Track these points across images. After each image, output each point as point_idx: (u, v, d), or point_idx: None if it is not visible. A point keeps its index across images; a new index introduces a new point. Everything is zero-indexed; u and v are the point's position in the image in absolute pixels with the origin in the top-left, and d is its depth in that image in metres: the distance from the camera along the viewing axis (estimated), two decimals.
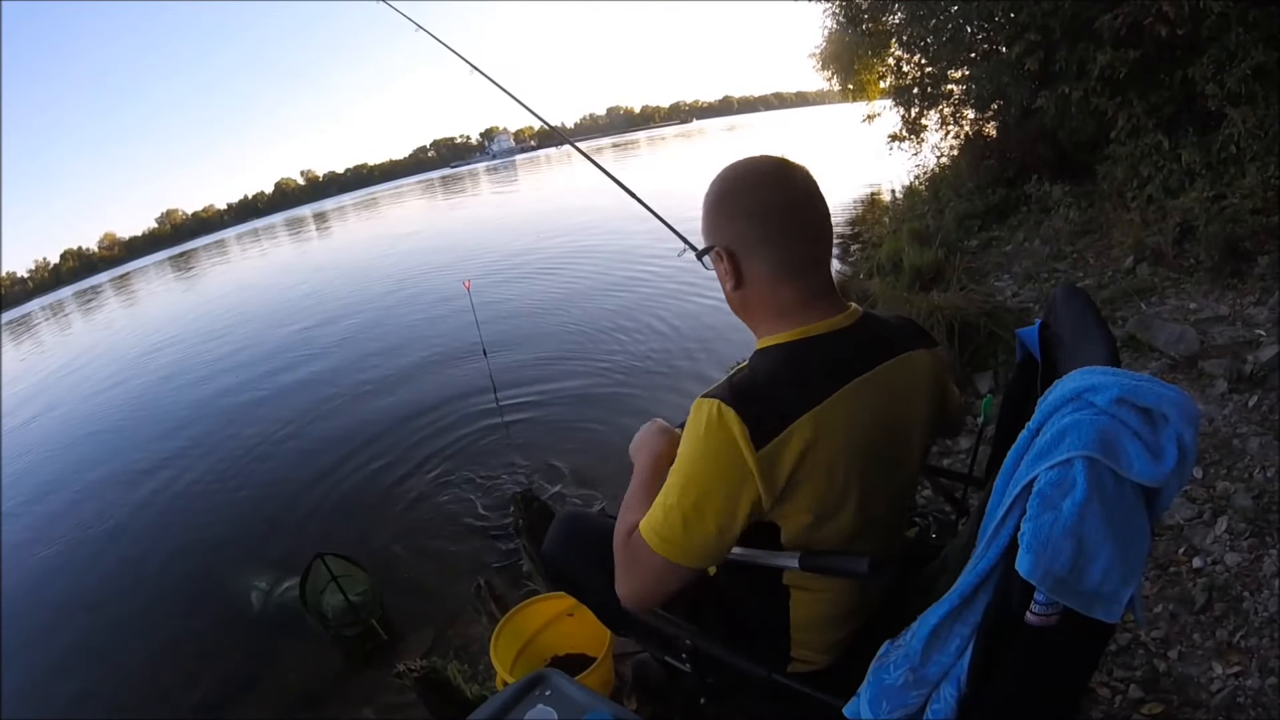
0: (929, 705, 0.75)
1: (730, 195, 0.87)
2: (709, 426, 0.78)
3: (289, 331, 8.84)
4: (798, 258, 0.84)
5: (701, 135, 55.09)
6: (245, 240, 42.57)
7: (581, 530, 1.23)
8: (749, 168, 0.87)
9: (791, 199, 0.85)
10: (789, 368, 0.82)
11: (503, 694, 1.11)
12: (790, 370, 0.82)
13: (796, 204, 0.85)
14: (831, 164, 14.10)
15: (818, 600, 0.92)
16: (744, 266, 0.86)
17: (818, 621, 0.95)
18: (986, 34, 5.30)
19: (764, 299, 0.87)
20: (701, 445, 0.79)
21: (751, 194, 0.85)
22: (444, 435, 4.54)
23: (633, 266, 8.05)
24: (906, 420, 0.89)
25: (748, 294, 0.88)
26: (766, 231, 0.84)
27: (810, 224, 0.85)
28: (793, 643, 0.96)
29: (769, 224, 0.84)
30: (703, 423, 0.78)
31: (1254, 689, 1.48)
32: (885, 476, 0.87)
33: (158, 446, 5.67)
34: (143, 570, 3.86)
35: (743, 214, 0.85)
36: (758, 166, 0.87)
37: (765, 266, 0.85)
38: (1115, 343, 0.77)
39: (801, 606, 0.93)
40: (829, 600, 0.92)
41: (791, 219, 0.84)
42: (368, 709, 2.43)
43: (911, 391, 0.89)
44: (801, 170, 0.87)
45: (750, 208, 0.85)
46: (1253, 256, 3.11)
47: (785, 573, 0.89)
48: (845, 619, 0.95)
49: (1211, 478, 2.07)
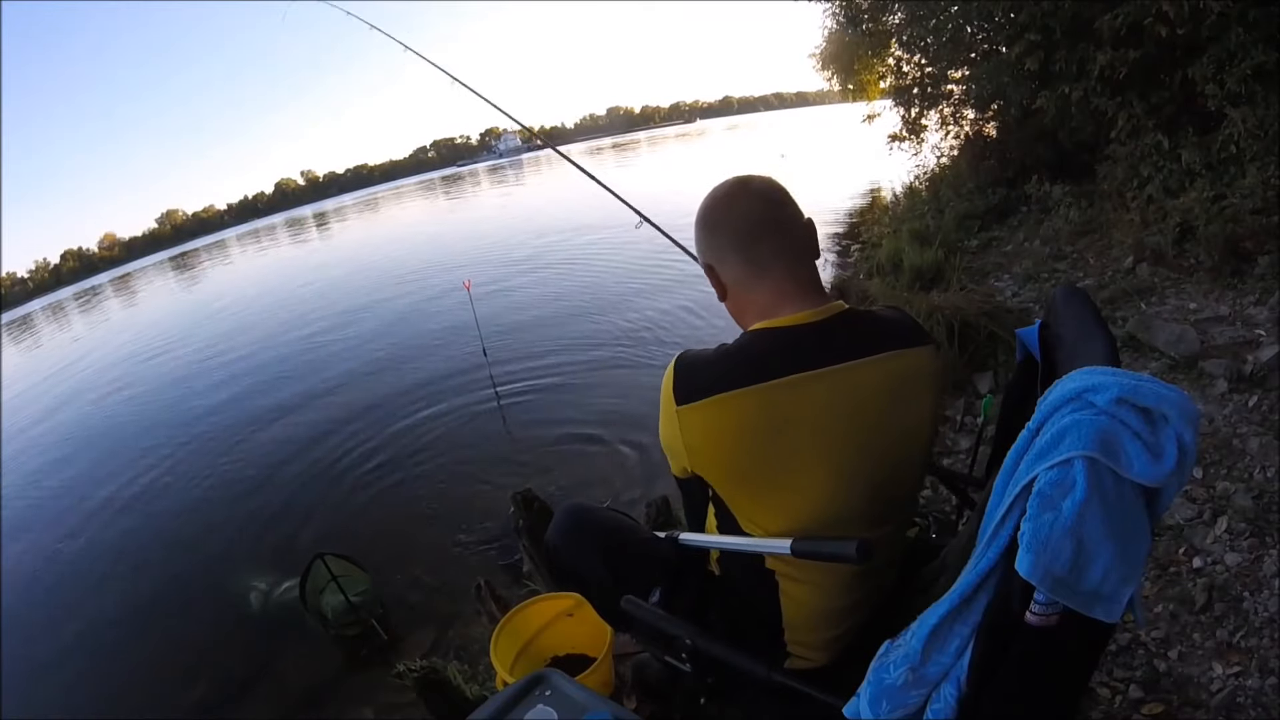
0: (929, 705, 0.74)
1: (703, 214, 0.95)
2: (665, 376, 0.92)
3: (289, 332, 8.84)
4: (762, 255, 0.91)
5: (701, 136, 55.10)
6: (246, 240, 42.61)
7: (584, 523, 1.23)
8: (719, 188, 0.96)
9: (749, 204, 0.92)
10: (746, 350, 0.89)
11: (503, 694, 1.11)
12: (745, 352, 0.89)
13: (753, 207, 0.92)
14: (831, 164, 14.10)
15: (806, 590, 0.93)
16: (722, 276, 0.94)
17: (810, 615, 0.95)
18: (986, 34, 5.30)
19: (742, 302, 0.94)
20: (662, 389, 0.92)
21: (717, 209, 0.94)
22: (444, 436, 4.54)
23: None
24: (891, 415, 0.88)
25: (731, 301, 0.96)
26: (730, 238, 0.92)
27: (767, 221, 0.91)
28: (788, 638, 0.97)
29: (730, 230, 0.92)
30: (666, 373, 0.92)
31: (1254, 689, 1.48)
32: (859, 468, 0.87)
33: (157, 447, 5.68)
34: (143, 571, 3.86)
35: (709, 229, 0.94)
36: (724, 185, 0.96)
37: (735, 270, 0.93)
38: (1115, 343, 0.77)
39: (792, 598, 0.94)
40: (817, 591, 0.93)
41: (748, 220, 0.92)
42: (368, 709, 2.44)
43: (898, 388, 0.89)
44: (760, 180, 0.95)
45: (716, 221, 0.94)
46: (1253, 256, 3.11)
47: (768, 558, 0.92)
48: (838, 615, 0.96)
49: (1211, 478, 2.07)
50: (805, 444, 0.85)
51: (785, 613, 0.96)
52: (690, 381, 0.88)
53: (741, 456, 0.86)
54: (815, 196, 10.51)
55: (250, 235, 48.92)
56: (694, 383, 0.87)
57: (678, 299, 6.23)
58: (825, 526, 0.88)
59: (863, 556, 0.79)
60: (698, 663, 1.02)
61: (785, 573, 0.93)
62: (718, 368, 0.88)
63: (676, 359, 0.92)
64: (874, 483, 0.89)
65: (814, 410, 0.85)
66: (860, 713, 0.78)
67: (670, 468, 1.00)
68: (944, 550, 1.07)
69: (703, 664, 1.02)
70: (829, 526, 0.88)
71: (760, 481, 0.88)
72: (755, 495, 0.89)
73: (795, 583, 0.93)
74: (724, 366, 0.87)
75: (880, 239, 5.86)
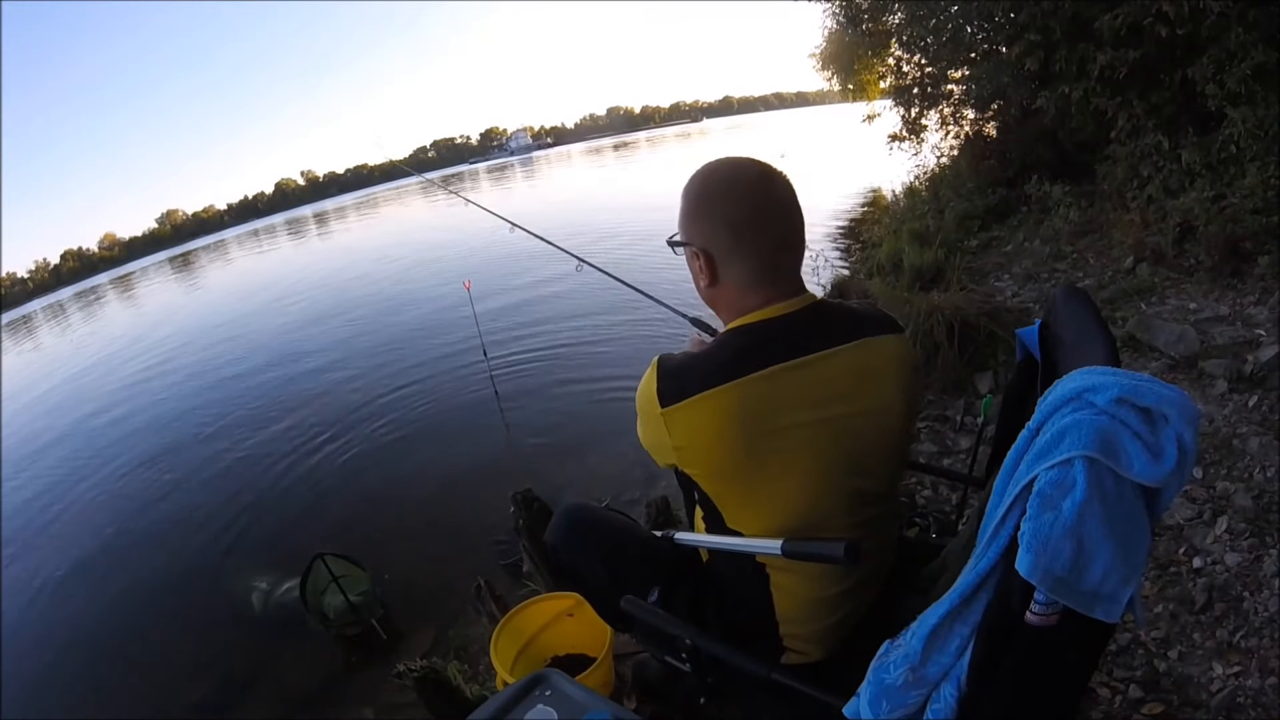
0: (929, 705, 0.74)
1: (711, 200, 0.91)
2: (644, 379, 0.92)
3: (290, 333, 8.85)
4: (767, 266, 0.90)
5: (703, 136, 55.06)
6: (245, 240, 42.59)
7: (583, 523, 1.24)
8: (731, 174, 0.91)
9: (770, 212, 0.89)
10: (725, 348, 0.90)
11: (503, 694, 1.11)
12: (725, 351, 0.90)
13: (774, 218, 0.89)
14: (832, 164, 14.09)
15: (795, 580, 0.94)
16: (719, 269, 0.91)
17: (803, 605, 0.96)
18: (986, 34, 5.30)
19: (733, 299, 0.93)
20: (639, 391, 0.94)
21: (733, 203, 0.89)
22: (445, 436, 4.54)
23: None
24: (860, 400, 0.89)
25: (718, 293, 0.94)
26: (743, 242, 0.89)
27: (784, 236, 0.90)
28: (783, 631, 0.97)
29: (746, 235, 0.88)
30: (645, 376, 0.93)
31: (1254, 689, 1.48)
32: (836, 454, 0.88)
33: (157, 447, 5.68)
34: (143, 571, 3.86)
35: (722, 221, 0.89)
36: (739, 174, 0.91)
37: (738, 272, 0.90)
38: (1115, 343, 0.77)
39: (782, 589, 0.95)
40: (807, 581, 0.94)
41: (768, 232, 0.89)
42: (368, 709, 2.44)
43: (866, 373, 0.90)
44: (781, 180, 0.91)
45: (730, 217, 0.89)
46: (1253, 256, 3.11)
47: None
48: (831, 604, 0.96)
49: (1211, 478, 2.07)
50: (786, 433, 0.86)
51: (778, 606, 0.96)
52: (673, 384, 0.88)
53: (728, 451, 0.87)
54: (815, 196, 10.51)
55: (250, 235, 48.90)
56: (677, 384, 0.88)
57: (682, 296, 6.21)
58: (811, 515, 0.89)
59: (850, 558, 0.79)
60: (697, 662, 1.02)
61: (774, 564, 0.94)
62: (699, 369, 0.89)
63: (657, 363, 0.92)
64: (852, 469, 0.90)
65: (791, 401, 0.86)
66: (860, 713, 0.78)
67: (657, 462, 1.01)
68: (944, 550, 1.07)
69: (702, 663, 1.02)
70: (814, 515, 0.89)
71: (747, 474, 0.88)
72: (743, 489, 0.90)
73: (784, 573, 0.94)
74: (705, 367, 0.88)
75: (880, 239, 5.87)
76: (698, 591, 1.08)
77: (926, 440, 2.79)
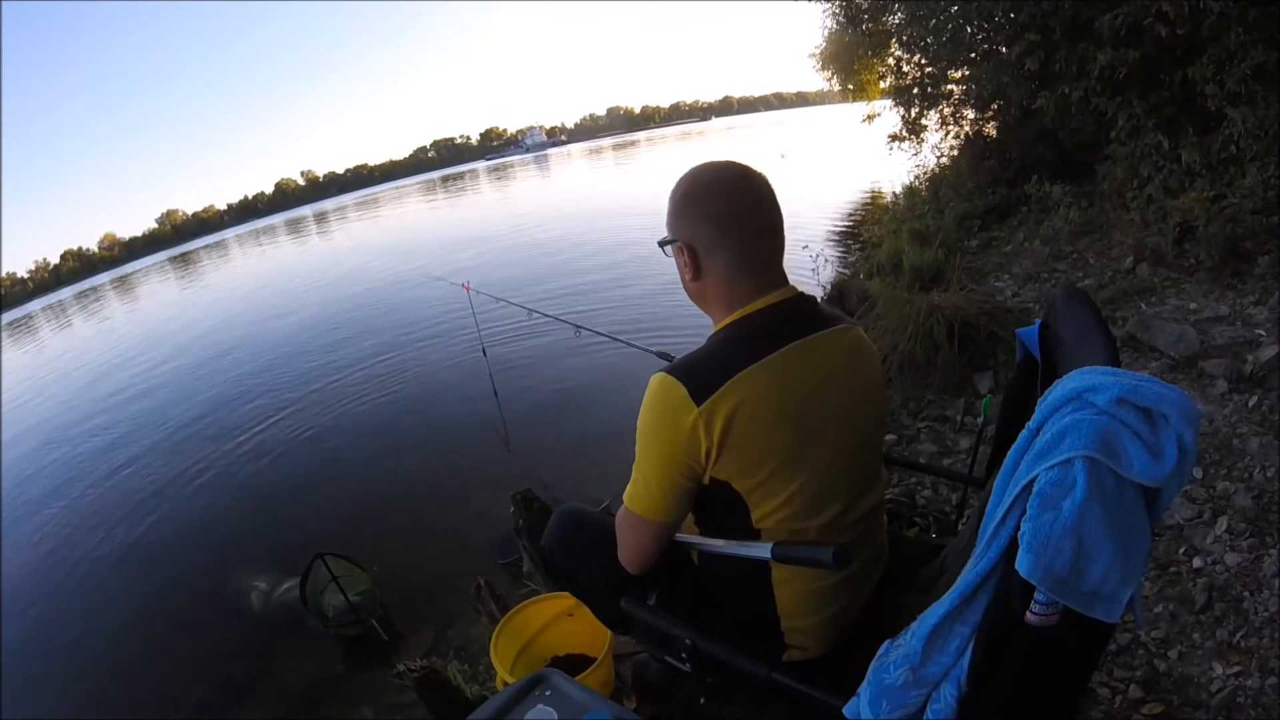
0: (929, 705, 0.75)
1: (694, 198, 0.96)
2: (655, 396, 0.90)
3: (290, 333, 8.84)
4: (750, 259, 0.94)
5: (702, 136, 55.09)
6: (245, 241, 42.60)
7: (578, 527, 1.24)
8: (714, 174, 0.96)
9: (750, 207, 0.94)
10: (729, 340, 0.93)
11: (503, 694, 1.11)
12: (731, 342, 0.93)
13: (754, 213, 0.94)
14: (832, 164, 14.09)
15: (794, 569, 0.95)
16: (704, 263, 0.96)
17: (801, 595, 0.97)
18: (986, 34, 5.29)
19: (719, 292, 0.96)
20: (652, 412, 0.91)
21: (714, 200, 0.94)
22: (444, 436, 4.54)
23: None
24: (854, 377, 0.96)
25: (704, 286, 0.97)
26: (725, 235, 0.93)
27: (764, 229, 0.95)
28: (784, 625, 0.98)
29: (728, 229, 0.93)
30: (652, 394, 0.91)
31: (1254, 689, 1.48)
32: (843, 431, 0.93)
33: (157, 447, 5.68)
34: (143, 571, 3.86)
35: (705, 217, 0.94)
36: (720, 174, 0.96)
37: (722, 265, 0.94)
38: (1115, 343, 0.77)
39: (783, 580, 0.96)
40: (804, 570, 0.94)
41: (748, 225, 0.94)
42: (368, 709, 2.44)
43: (865, 355, 1.00)
44: (760, 178, 0.96)
45: (713, 213, 0.94)
46: (1253, 256, 3.11)
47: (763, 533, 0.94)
48: (829, 594, 0.97)
49: (1211, 478, 2.07)
50: (816, 403, 0.91)
51: (779, 600, 0.97)
52: (700, 379, 0.88)
53: (774, 422, 0.88)
54: (815, 196, 10.52)
55: (250, 235, 48.89)
56: (704, 378, 0.88)
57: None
58: (823, 495, 0.92)
59: (840, 563, 0.81)
60: (697, 662, 1.02)
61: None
62: (716, 360, 0.90)
63: (666, 373, 0.90)
64: (855, 447, 0.96)
65: (811, 375, 0.91)
66: (860, 713, 0.78)
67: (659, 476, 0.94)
68: (944, 550, 1.07)
69: (702, 664, 1.02)
70: (825, 496, 0.93)
71: (781, 454, 0.89)
72: (775, 471, 0.90)
73: (784, 564, 0.94)
74: (723, 357, 0.90)
75: (880, 239, 5.87)
76: (697, 592, 1.08)
77: (926, 440, 2.79)
